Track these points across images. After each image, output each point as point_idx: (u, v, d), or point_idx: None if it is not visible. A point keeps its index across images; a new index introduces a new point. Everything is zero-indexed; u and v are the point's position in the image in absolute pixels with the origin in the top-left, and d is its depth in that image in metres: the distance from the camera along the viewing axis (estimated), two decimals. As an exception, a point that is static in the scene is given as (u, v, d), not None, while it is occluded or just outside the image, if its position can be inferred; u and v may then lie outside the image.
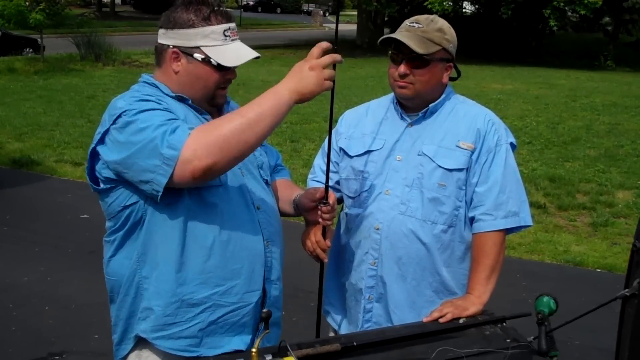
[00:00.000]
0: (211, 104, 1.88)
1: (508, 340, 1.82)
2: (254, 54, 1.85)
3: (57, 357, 3.61)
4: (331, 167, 2.23)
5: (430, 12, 18.87)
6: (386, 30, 23.77)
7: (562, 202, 6.67)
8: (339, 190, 2.26)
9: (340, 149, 2.23)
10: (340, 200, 2.25)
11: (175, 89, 1.84)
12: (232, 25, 1.84)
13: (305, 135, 9.37)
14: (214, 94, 1.86)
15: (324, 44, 1.81)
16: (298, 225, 2.40)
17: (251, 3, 50.76)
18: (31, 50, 18.50)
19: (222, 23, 1.80)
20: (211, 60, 1.79)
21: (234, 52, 1.82)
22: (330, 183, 2.23)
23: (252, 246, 1.85)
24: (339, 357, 1.71)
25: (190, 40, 1.79)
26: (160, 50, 1.86)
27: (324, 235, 2.04)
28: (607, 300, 1.73)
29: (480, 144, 2.06)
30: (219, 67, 1.81)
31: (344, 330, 2.24)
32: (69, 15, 17.15)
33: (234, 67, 1.85)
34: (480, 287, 2.01)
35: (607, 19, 21.36)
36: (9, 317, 4.04)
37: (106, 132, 1.74)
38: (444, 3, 20.16)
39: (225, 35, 1.81)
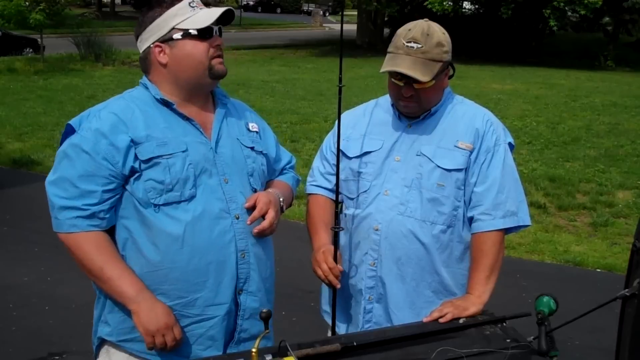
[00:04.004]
0: (213, 76, 1.87)
1: (508, 340, 1.82)
2: (224, 8, 1.85)
3: (57, 357, 3.61)
4: (330, 170, 2.23)
5: (430, 12, 18.98)
6: (386, 30, 23.79)
7: (562, 202, 6.67)
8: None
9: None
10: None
11: (169, 86, 1.86)
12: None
13: (305, 135, 9.37)
14: (210, 65, 1.85)
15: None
16: (298, 225, 2.40)
17: (251, 3, 50.75)
18: (31, 50, 18.50)
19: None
20: (190, 31, 1.82)
21: (205, 15, 1.84)
22: (330, 185, 2.24)
23: (221, 259, 1.83)
24: (339, 357, 1.71)
25: (163, 27, 1.83)
26: (144, 58, 1.89)
27: (335, 259, 2.03)
28: (607, 300, 1.72)
29: (478, 144, 2.06)
30: (200, 35, 1.82)
31: (344, 331, 2.23)
32: (69, 15, 17.16)
33: (215, 32, 1.85)
34: (480, 287, 2.01)
35: (607, 19, 21.29)
36: (9, 317, 4.04)
37: (68, 134, 1.83)
38: (444, 3, 20.13)
39: (192, 7, 1.85)
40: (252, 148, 1.98)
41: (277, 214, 1.92)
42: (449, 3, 20.31)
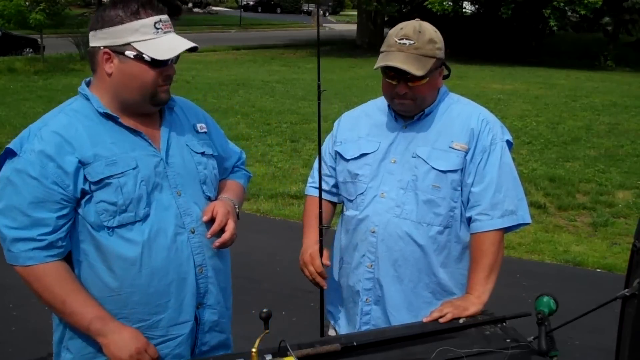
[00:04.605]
0: (154, 103, 1.76)
1: (508, 340, 1.82)
2: (189, 44, 1.72)
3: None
4: (327, 172, 2.26)
5: (430, 12, 18.96)
6: (386, 30, 23.77)
7: (562, 202, 6.67)
8: (336, 194, 2.28)
9: (336, 152, 2.23)
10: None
11: (109, 96, 1.75)
12: (164, 17, 1.72)
13: (305, 135, 9.36)
14: (155, 92, 1.73)
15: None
16: (299, 225, 2.40)
17: (251, 3, 50.78)
18: (31, 50, 18.51)
19: (152, 16, 1.69)
20: (144, 55, 1.68)
21: (167, 44, 1.70)
22: (327, 187, 2.27)
23: (181, 277, 1.77)
24: (339, 357, 1.71)
25: (119, 37, 1.68)
26: (92, 54, 1.74)
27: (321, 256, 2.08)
28: (607, 300, 1.73)
29: (474, 144, 2.05)
30: (153, 63, 1.69)
31: (344, 330, 2.24)
32: (69, 15, 17.18)
33: (171, 61, 1.73)
34: (480, 287, 2.01)
35: (607, 19, 21.31)
36: (9, 317, 4.04)
37: (8, 155, 1.70)
38: (444, 3, 20.14)
39: (157, 28, 1.69)
40: (202, 153, 1.88)
41: (236, 223, 1.85)
42: (449, 3, 20.31)
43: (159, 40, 1.69)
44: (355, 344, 1.74)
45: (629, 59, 20.64)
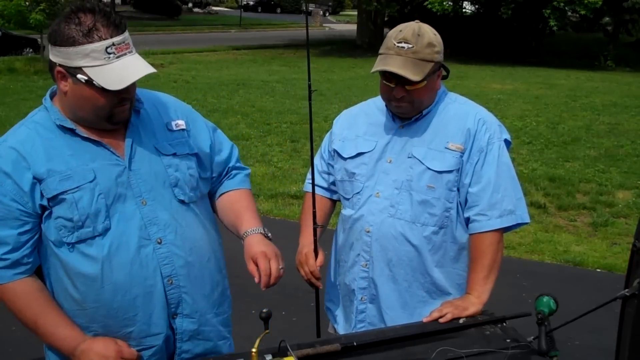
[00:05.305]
0: (112, 123, 1.70)
1: (508, 340, 1.82)
2: (145, 70, 1.64)
3: (57, 357, 3.60)
4: (325, 169, 2.28)
5: (430, 12, 18.95)
6: (386, 30, 23.78)
7: (562, 202, 6.67)
8: (334, 192, 2.28)
9: (334, 150, 2.23)
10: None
11: (67, 111, 1.71)
12: (118, 39, 1.61)
13: (305, 135, 9.36)
14: (111, 113, 1.67)
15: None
16: (299, 225, 2.40)
17: (251, 3, 50.78)
18: (31, 50, 18.50)
19: (104, 39, 1.59)
20: (94, 82, 1.61)
21: (118, 73, 1.61)
22: (325, 184, 2.29)
23: (147, 291, 1.72)
24: (339, 357, 1.71)
25: (72, 59, 1.61)
26: (51, 67, 1.68)
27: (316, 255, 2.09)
28: (607, 300, 1.73)
29: (470, 144, 2.04)
30: (105, 89, 1.62)
31: (342, 327, 2.25)
32: (69, 15, 17.16)
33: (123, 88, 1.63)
34: (479, 287, 2.01)
35: (607, 19, 21.30)
36: (9, 317, 4.03)
37: None
38: (444, 3, 20.14)
39: (109, 53, 1.60)
40: (173, 154, 1.79)
41: (277, 257, 1.79)
42: (449, 3, 20.31)
43: (110, 66, 1.61)
44: (355, 344, 1.74)
45: (629, 59, 20.64)
